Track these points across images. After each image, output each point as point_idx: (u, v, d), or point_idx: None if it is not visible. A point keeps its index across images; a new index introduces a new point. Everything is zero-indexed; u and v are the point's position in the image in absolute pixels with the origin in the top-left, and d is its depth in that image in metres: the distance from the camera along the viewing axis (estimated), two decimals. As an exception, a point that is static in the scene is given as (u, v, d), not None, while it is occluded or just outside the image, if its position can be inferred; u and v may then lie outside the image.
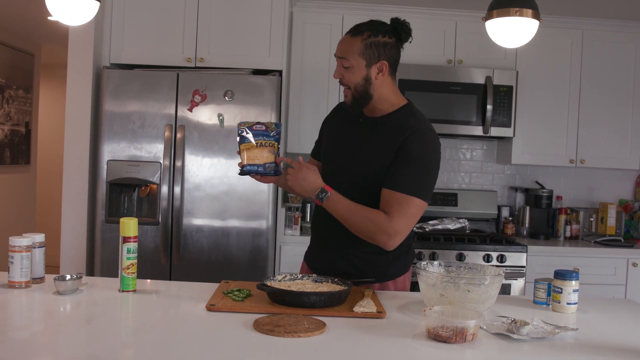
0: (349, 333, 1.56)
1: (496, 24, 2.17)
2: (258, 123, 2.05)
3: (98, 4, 2.11)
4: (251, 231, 3.38)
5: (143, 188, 3.42)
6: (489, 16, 2.18)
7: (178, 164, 3.34)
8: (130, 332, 1.58)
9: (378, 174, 1.99)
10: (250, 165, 2.04)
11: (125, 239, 1.91)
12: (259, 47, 3.54)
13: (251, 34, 3.54)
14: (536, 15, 2.13)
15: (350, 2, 3.84)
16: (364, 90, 2.01)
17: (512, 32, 2.16)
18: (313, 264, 2.22)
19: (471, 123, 3.85)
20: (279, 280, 1.92)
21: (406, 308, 1.84)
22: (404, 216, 1.92)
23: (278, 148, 2.07)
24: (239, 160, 2.07)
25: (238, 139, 2.05)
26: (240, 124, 2.06)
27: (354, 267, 2.09)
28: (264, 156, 2.04)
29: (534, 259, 3.65)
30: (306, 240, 2.34)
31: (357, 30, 2.02)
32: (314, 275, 1.97)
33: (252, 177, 2.10)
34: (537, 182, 4.30)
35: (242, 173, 2.07)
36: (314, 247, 2.26)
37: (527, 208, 4.18)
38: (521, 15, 2.10)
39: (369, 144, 2.05)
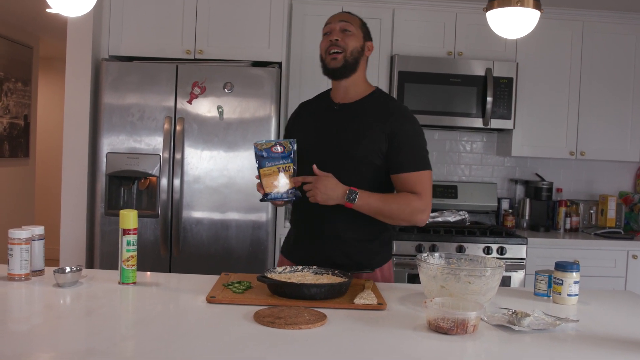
0: (349, 325, 1.56)
1: (497, 15, 2.16)
2: (276, 144, 1.98)
3: (96, -5, 2.09)
4: (251, 223, 3.37)
5: (142, 181, 3.41)
6: (489, 6, 2.17)
7: (177, 156, 3.33)
8: (130, 324, 1.58)
9: (367, 153, 2.05)
10: (274, 193, 1.99)
11: (125, 232, 1.90)
12: (258, 39, 3.53)
13: (250, 25, 3.53)
14: (537, 6, 2.11)
15: (350, -7, 3.83)
16: (357, 58, 2.12)
17: (513, 22, 2.15)
18: (299, 256, 2.16)
19: (471, 115, 3.84)
20: (279, 272, 1.92)
21: (407, 300, 1.84)
22: (428, 190, 2.08)
23: (294, 170, 1.99)
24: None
25: (257, 162, 1.99)
26: (257, 145, 1.99)
27: (345, 256, 2.09)
28: (285, 182, 1.98)
29: (534, 251, 3.65)
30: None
31: (351, 13, 2.20)
32: (314, 267, 1.97)
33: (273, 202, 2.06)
34: (537, 174, 4.29)
35: (264, 200, 2.01)
36: (297, 240, 2.21)
37: (527, 200, 4.17)
38: (522, 5, 2.09)
39: (352, 127, 2.08)
